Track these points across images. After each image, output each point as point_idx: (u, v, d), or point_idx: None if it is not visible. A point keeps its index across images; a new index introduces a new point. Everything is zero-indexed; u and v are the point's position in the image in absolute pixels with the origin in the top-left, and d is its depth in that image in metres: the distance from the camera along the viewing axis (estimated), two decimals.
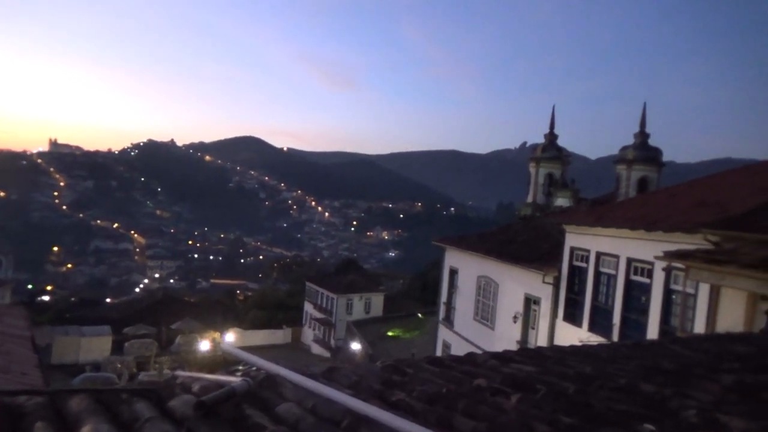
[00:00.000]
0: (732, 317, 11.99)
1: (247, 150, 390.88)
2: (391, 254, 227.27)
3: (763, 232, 10.97)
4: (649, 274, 15.57)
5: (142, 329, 46.47)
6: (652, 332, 14.98)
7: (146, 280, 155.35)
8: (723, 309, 12.53)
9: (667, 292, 14.94)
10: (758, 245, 11.04)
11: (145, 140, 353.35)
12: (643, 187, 27.89)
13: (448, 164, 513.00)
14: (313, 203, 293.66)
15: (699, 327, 12.98)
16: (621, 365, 4.06)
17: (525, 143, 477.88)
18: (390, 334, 45.57)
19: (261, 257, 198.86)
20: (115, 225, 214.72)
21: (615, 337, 16.36)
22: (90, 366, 37.33)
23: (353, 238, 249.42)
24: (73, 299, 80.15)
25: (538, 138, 37.12)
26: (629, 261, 16.42)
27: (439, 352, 27.17)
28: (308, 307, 60.35)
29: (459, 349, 24.75)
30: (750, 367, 4.18)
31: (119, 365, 37.04)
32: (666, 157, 29.80)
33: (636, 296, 16.37)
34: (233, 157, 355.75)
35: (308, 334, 58.71)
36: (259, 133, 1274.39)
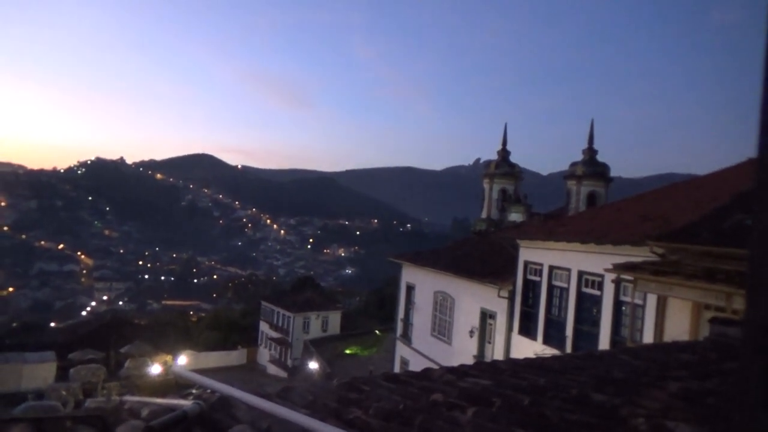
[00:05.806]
0: (678, 326, 12.42)
1: (200, 168, 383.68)
2: (348, 271, 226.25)
3: (705, 244, 11.45)
4: (600, 287, 16.00)
5: (89, 354, 44.60)
6: (604, 343, 15.35)
7: (93, 303, 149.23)
8: (669, 319, 12.98)
9: (617, 304, 15.37)
10: (700, 257, 11.50)
11: (92, 158, 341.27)
12: (592, 202, 28.67)
13: (404, 181, 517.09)
14: (269, 221, 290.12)
15: (647, 337, 13.38)
16: (573, 376, 4.14)
17: (479, 159, 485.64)
18: (348, 351, 45.26)
19: (215, 277, 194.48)
20: (61, 246, 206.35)
21: (568, 349, 16.69)
22: (33, 394, 35.51)
23: (309, 255, 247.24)
24: (14, 324, 76.30)
25: (492, 154, 37.77)
26: (580, 274, 16.84)
27: (397, 369, 27.09)
28: (264, 327, 59.29)
29: (417, 365, 24.74)
30: (695, 374, 4.33)
31: (64, 392, 35.37)
32: (613, 173, 30.69)
33: (587, 308, 16.78)
34: (185, 175, 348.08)
35: (264, 355, 57.62)
36: (212, 150, 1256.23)
